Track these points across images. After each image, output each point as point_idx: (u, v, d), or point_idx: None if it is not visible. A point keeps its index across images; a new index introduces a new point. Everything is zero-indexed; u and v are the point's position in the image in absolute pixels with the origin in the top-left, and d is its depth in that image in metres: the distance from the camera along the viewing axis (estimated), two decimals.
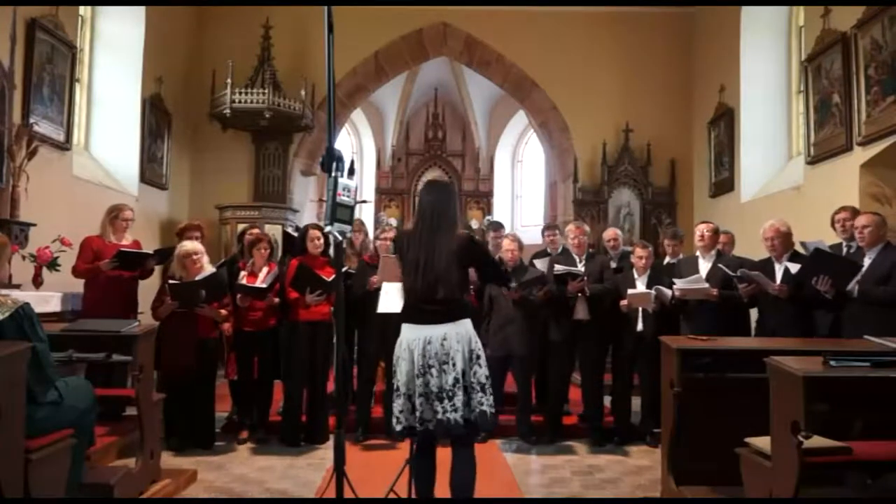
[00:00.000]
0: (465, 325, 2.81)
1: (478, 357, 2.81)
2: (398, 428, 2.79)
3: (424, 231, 2.86)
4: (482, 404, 2.75)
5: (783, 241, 4.24)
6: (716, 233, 4.72)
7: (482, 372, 2.79)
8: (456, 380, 2.71)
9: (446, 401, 2.70)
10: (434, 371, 2.72)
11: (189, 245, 4.42)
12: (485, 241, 5.53)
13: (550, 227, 5.89)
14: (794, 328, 4.04)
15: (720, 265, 4.46)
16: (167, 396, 3.95)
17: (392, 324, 4.48)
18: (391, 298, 4.17)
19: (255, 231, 5.20)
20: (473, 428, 2.77)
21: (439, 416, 2.69)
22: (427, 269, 2.78)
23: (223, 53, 7.29)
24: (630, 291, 4.60)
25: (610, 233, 5.55)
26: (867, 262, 3.81)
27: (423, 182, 3.15)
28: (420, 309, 2.81)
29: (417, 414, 2.72)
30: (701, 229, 4.70)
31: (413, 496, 3.02)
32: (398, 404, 2.80)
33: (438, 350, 2.73)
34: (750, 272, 4.19)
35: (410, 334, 2.80)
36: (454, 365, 2.72)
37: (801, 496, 2.33)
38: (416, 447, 2.87)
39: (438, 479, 2.89)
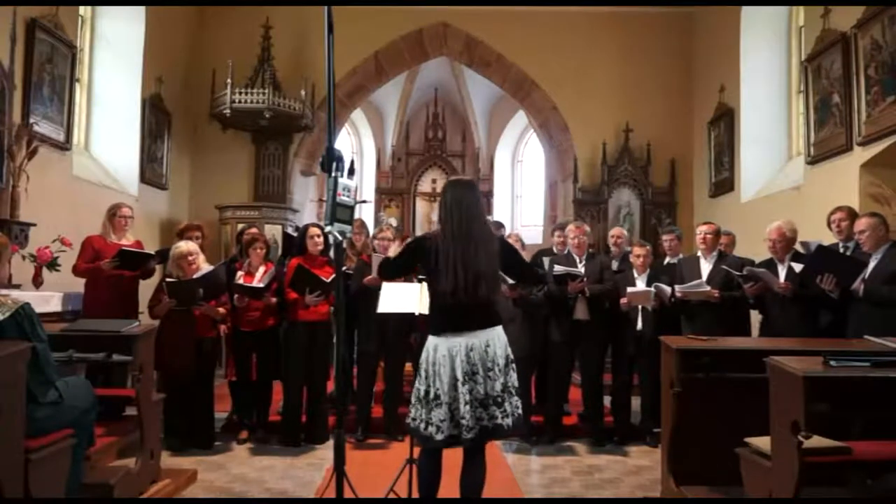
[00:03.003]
0: (501, 331, 2.80)
1: (512, 361, 2.80)
2: (439, 437, 2.65)
3: (457, 228, 2.75)
4: (518, 408, 2.75)
5: (785, 245, 4.26)
6: (717, 234, 4.71)
7: (515, 376, 2.79)
8: (503, 385, 2.70)
9: (494, 407, 2.66)
10: (479, 377, 2.67)
11: (184, 246, 4.41)
12: None
13: (561, 226, 5.86)
14: (801, 328, 4.03)
15: (724, 267, 4.46)
16: (167, 396, 3.95)
17: (392, 323, 4.55)
18: (391, 298, 4.17)
19: (252, 231, 5.22)
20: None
21: (485, 422, 2.65)
22: (467, 267, 2.69)
23: (223, 53, 7.29)
24: (630, 289, 4.60)
25: (616, 231, 5.58)
26: (873, 261, 3.78)
27: (447, 181, 3.00)
28: (459, 315, 2.71)
29: (464, 422, 2.62)
30: (702, 231, 4.68)
31: (413, 496, 3.01)
32: (440, 413, 2.67)
33: (483, 356, 2.69)
34: (756, 269, 4.19)
35: (450, 341, 2.71)
36: (500, 371, 2.71)
37: (801, 496, 2.33)
38: (424, 449, 2.78)
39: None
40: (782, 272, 4.22)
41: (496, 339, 2.74)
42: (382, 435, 4.73)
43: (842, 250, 4.13)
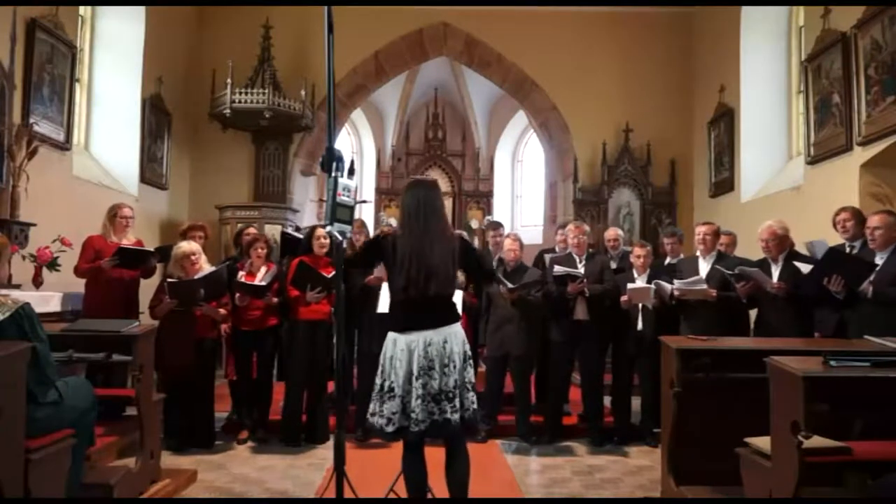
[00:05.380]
0: (459, 328, 2.86)
1: (469, 358, 2.87)
2: (389, 429, 2.71)
3: (416, 225, 2.81)
4: (473, 403, 2.81)
5: (778, 244, 4.25)
6: (716, 234, 4.70)
7: (472, 372, 2.86)
8: (456, 382, 2.75)
9: (445, 402, 2.71)
10: (435, 373, 2.71)
11: (186, 246, 4.41)
12: (484, 241, 5.53)
13: (564, 225, 5.85)
14: (794, 327, 4.04)
15: (717, 266, 4.46)
16: (167, 396, 3.95)
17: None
18: None
19: (252, 231, 5.22)
20: (467, 425, 2.82)
21: (435, 416, 2.69)
22: (420, 263, 2.75)
23: (223, 53, 7.28)
24: (630, 286, 4.60)
25: (611, 233, 5.55)
26: (880, 260, 3.75)
27: (408, 181, 3.09)
28: (416, 312, 2.77)
29: (413, 415, 2.68)
30: (701, 231, 4.67)
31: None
32: (392, 405, 2.73)
33: (441, 352, 2.74)
34: (748, 269, 4.19)
35: (409, 337, 2.76)
36: (454, 367, 2.75)
37: (801, 496, 2.33)
38: (406, 447, 2.83)
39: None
40: (776, 272, 4.22)
41: (454, 336, 2.79)
42: None
43: (847, 250, 4.11)
